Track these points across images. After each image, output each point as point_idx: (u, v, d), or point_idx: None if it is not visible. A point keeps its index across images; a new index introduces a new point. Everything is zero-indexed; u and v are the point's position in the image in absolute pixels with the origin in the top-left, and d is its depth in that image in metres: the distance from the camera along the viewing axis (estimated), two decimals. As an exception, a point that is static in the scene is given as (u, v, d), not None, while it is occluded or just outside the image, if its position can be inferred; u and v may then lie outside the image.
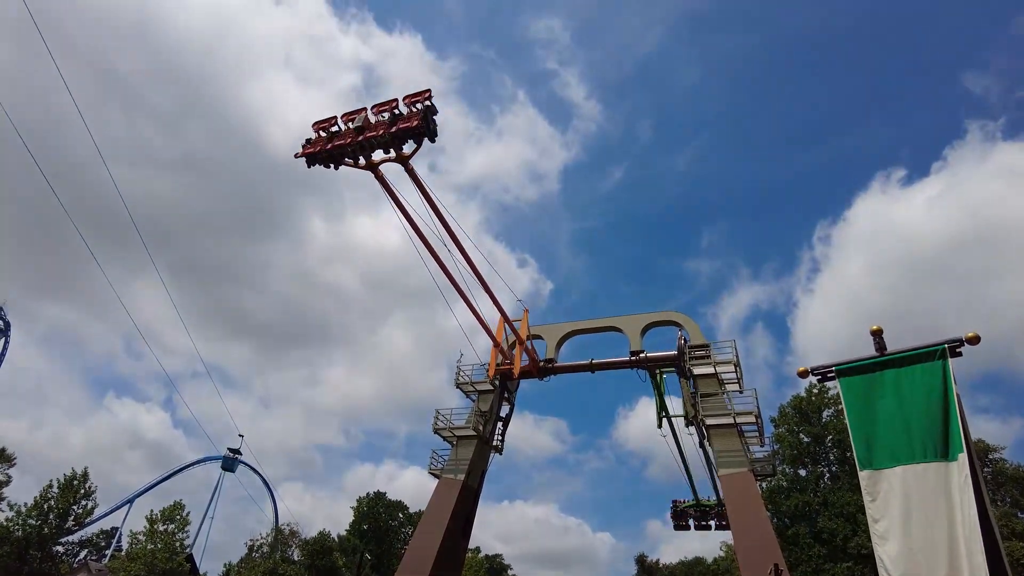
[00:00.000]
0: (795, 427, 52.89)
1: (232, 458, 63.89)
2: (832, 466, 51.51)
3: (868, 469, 10.19)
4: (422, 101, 15.86)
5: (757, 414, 26.32)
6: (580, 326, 33.86)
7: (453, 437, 30.54)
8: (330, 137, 16.69)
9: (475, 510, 31.21)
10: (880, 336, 10.71)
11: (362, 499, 73.73)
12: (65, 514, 55.71)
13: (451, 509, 27.83)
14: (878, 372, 10.53)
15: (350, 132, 16.50)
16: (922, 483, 9.48)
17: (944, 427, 9.57)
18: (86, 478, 57.98)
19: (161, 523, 58.27)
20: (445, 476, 29.42)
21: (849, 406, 10.86)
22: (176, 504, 60.73)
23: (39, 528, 53.48)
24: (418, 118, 15.62)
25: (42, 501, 55.12)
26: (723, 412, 26.48)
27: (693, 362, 28.34)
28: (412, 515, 73.11)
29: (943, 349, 10.06)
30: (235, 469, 64.88)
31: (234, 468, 64.53)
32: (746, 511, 23.86)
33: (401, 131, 15.80)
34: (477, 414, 31.22)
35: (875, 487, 9.97)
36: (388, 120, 16.08)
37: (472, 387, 32.42)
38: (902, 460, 9.84)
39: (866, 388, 10.59)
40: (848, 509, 45.19)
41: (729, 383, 27.94)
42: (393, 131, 15.80)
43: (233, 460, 63.89)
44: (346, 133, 16.62)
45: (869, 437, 10.32)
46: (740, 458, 25.26)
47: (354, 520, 72.11)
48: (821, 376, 11.35)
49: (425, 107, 15.79)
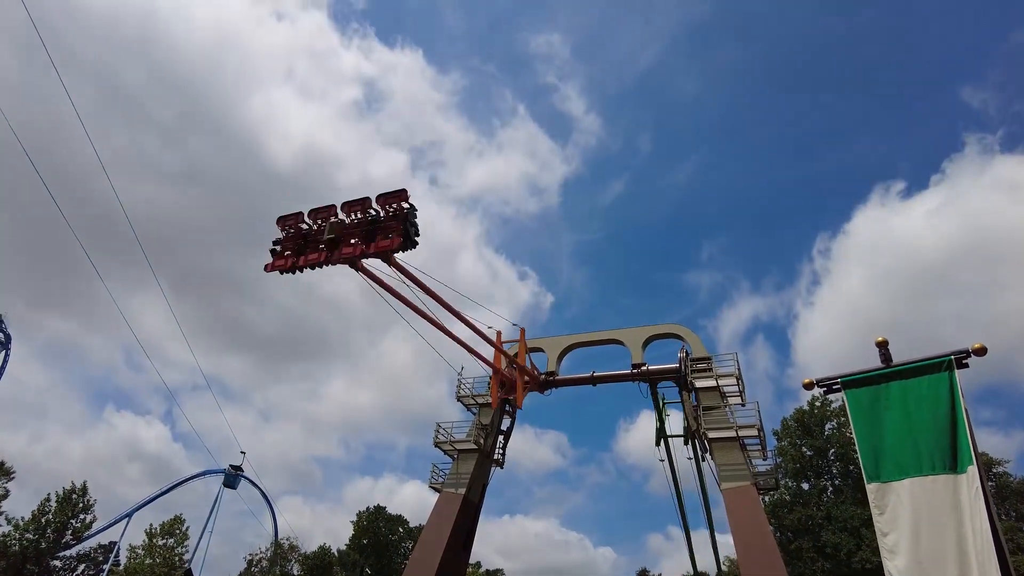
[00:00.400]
0: (797, 440, 52.60)
1: (234, 475, 63.31)
2: (835, 479, 51.17)
3: (876, 482, 10.09)
4: (398, 203, 14.43)
5: (760, 427, 26.14)
6: (581, 339, 33.74)
7: (454, 451, 30.32)
8: (300, 247, 15.45)
9: (476, 525, 30.95)
10: (886, 348, 10.64)
11: (362, 513, 73.16)
12: (63, 528, 55.29)
13: (452, 524, 27.58)
14: (884, 384, 10.45)
15: (320, 238, 15.12)
16: (930, 496, 9.38)
17: (952, 439, 9.48)
18: (85, 492, 57.64)
19: (160, 537, 57.87)
20: (446, 490, 29.18)
21: (855, 418, 10.77)
22: (175, 518, 60.37)
23: (36, 542, 53.06)
24: (396, 232, 14.28)
25: (40, 515, 54.72)
26: (725, 425, 26.30)
27: (695, 375, 28.18)
28: (412, 529, 72.51)
29: (949, 361, 10.00)
30: (237, 486, 64.30)
31: (236, 485, 63.94)
32: (749, 525, 23.65)
33: (381, 251, 14.60)
34: (478, 427, 31.02)
35: (883, 500, 9.87)
36: (362, 229, 14.76)
37: (473, 400, 32.22)
38: (910, 473, 9.74)
39: (872, 400, 10.51)
40: (852, 523, 44.83)
41: (731, 396, 27.78)
42: (371, 251, 14.62)
43: (235, 477, 63.31)
44: (315, 236, 15.33)
45: (876, 449, 10.23)
46: (743, 472, 25.06)
47: (354, 534, 71.50)
48: (827, 388, 11.28)
49: (405, 213, 14.36)
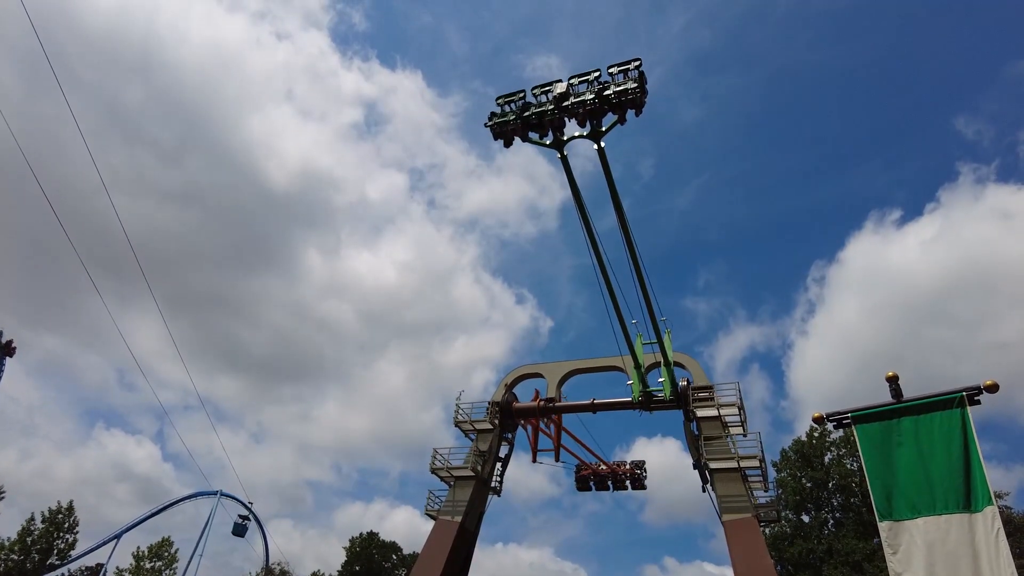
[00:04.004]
0: (798, 472, 52.06)
1: (243, 524, 61.39)
2: (836, 512, 50.51)
3: (888, 520, 9.87)
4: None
5: (761, 458, 25.86)
6: (581, 365, 33.59)
7: (451, 477, 29.88)
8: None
9: (472, 553, 30.39)
10: (896, 382, 10.49)
11: (355, 539, 72.08)
12: (49, 549, 54.29)
13: (447, 552, 27.08)
14: (895, 419, 10.29)
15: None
16: (945, 536, 9.17)
17: (966, 477, 9.30)
18: (71, 511, 56.75)
19: (148, 560, 56.97)
20: (442, 517, 28.71)
21: (866, 454, 10.57)
22: (164, 540, 59.44)
23: (22, 563, 52.03)
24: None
25: (25, 534, 53.79)
26: (727, 456, 26.03)
27: (696, 404, 27.94)
28: (406, 557, 71.37)
29: (961, 397, 9.85)
30: (245, 535, 62.17)
31: (244, 534, 61.75)
32: (750, 558, 23.25)
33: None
34: (476, 454, 30.62)
35: (896, 539, 9.64)
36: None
37: (471, 426, 31.84)
38: (923, 511, 9.54)
39: (883, 436, 10.33)
40: (854, 557, 44.12)
41: (733, 426, 27.56)
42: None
43: (243, 527, 61.36)
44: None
45: (888, 486, 10.03)
46: (744, 503, 24.73)
47: (346, 561, 70.33)
48: (836, 422, 11.11)
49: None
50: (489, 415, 31.58)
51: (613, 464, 36.83)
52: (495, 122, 15.28)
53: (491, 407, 31.88)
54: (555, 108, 14.67)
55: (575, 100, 14.37)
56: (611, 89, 14.05)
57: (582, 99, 14.31)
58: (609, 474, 36.52)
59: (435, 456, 30.53)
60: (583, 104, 14.31)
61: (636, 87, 13.75)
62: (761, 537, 24.19)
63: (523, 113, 14.99)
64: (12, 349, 41.58)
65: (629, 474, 36.23)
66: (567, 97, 14.53)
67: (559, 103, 14.58)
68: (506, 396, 32.53)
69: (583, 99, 14.28)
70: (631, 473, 36.25)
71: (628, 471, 36.28)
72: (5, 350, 40.97)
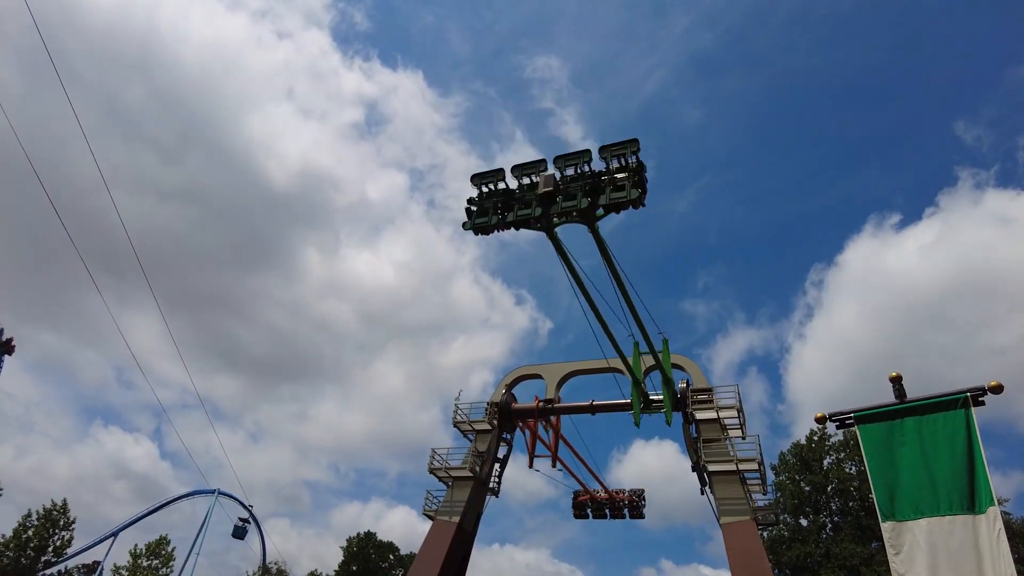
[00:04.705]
0: (796, 475, 52.00)
1: (242, 527, 61.73)
2: (834, 516, 50.43)
3: (891, 520, 9.81)
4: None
5: (760, 461, 25.78)
6: (581, 366, 33.51)
7: (449, 478, 29.78)
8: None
9: (469, 554, 30.29)
10: (900, 383, 10.44)
11: (352, 539, 71.89)
12: (44, 547, 54.17)
13: (445, 552, 26.98)
14: (899, 420, 10.23)
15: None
16: (948, 537, 9.11)
17: (970, 478, 9.25)
18: (66, 509, 56.65)
19: (145, 558, 56.88)
20: (440, 518, 28.61)
21: (869, 454, 10.52)
22: (161, 538, 59.37)
23: (16, 560, 51.89)
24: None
25: (21, 531, 53.68)
26: (726, 458, 25.95)
27: (695, 407, 27.87)
28: (403, 557, 71.18)
29: (965, 398, 9.80)
30: (244, 537, 62.62)
31: (244, 536, 62.25)
32: (748, 561, 23.16)
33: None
34: (474, 454, 30.53)
35: (899, 540, 9.58)
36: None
37: (470, 426, 31.77)
38: (926, 512, 9.48)
39: (886, 436, 10.28)
40: (851, 561, 44.04)
41: (732, 428, 27.47)
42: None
43: (243, 529, 61.69)
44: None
45: (891, 487, 9.97)
46: (742, 506, 24.65)
47: (344, 560, 70.14)
48: (839, 423, 11.06)
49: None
50: (488, 416, 31.52)
51: (612, 491, 36.80)
52: (475, 223, 13.90)
53: (490, 408, 31.82)
54: (542, 211, 13.15)
55: (565, 204, 12.87)
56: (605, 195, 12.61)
57: (573, 204, 12.79)
58: (607, 501, 36.53)
59: (433, 456, 30.43)
60: (575, 208, 12.83)
61: (637, 193, 12.31)
62: (759, 540, 24.12)
63: (504, 210, 13.66)
64: (11, 347, 41.47)
65: (628, 502, 36.22)
66: (555, 196, 13.04)
67: (546, 203, 13.08)
68: (505, 397, 32.46)
69: (575, 205, 12.77)
70: (630, 501, 36.24)
71: (627, 499, 36.27)
72: (4, 348, 40.83)
